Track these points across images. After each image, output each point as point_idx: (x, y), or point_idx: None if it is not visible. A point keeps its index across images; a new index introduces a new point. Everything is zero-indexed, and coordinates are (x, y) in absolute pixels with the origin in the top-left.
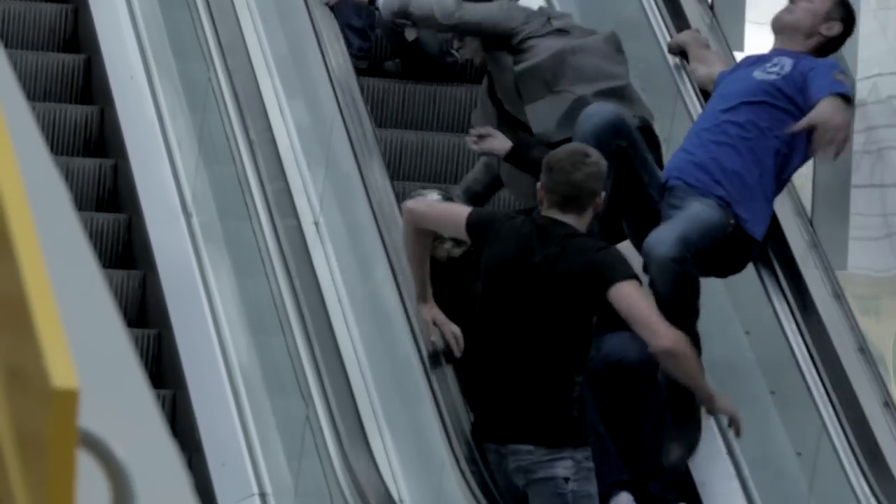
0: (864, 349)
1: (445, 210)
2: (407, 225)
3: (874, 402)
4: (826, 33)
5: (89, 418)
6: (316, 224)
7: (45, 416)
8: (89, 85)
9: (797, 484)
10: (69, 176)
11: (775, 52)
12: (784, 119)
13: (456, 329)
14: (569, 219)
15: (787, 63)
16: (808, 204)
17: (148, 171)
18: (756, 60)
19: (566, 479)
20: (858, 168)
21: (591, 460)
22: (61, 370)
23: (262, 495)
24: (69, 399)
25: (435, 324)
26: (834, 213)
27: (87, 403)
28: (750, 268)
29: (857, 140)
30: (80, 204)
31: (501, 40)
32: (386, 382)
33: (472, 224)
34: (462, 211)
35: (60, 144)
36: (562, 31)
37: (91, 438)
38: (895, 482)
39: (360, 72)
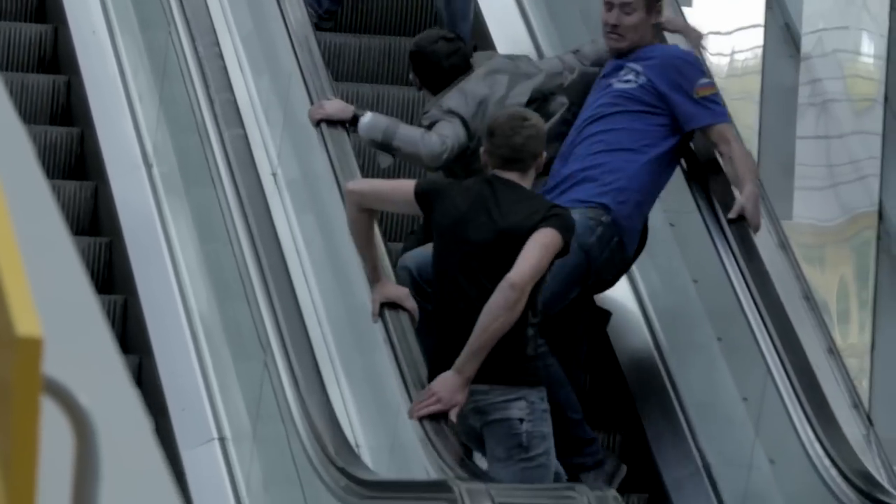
0: (808, 297)
1: (390, 186)
2: (351, 206)
3: (818, 349)
4: (659, 19)
5: (54, 367)
6: (274, 175)
7: (10, 364)
8: (44, 5)
9: (743, 428)
10: (24, 90)
11: (620, 61)
12: (651, 118)
13: (412, 305)
14: (513, 176)
15: (639, 70)
16: (754, 154)
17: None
18: (610, 71)
19: (521, 420)
20: (803, 119)
21: (546, 401)
22: (26, 318)
23: (222, 440)
24: (33, 347)
25: (389, 303)
26: (779, 164)
27: (51, 352)
28: (696, 217)
29: (803, 92)
30: (35, 118)
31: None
32: (342, 330)
33: (420, 192)
34: (407, 183)
35: (15, 62)
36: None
37: (55, 386)
38: (838, 426)
39: (318, 27)
